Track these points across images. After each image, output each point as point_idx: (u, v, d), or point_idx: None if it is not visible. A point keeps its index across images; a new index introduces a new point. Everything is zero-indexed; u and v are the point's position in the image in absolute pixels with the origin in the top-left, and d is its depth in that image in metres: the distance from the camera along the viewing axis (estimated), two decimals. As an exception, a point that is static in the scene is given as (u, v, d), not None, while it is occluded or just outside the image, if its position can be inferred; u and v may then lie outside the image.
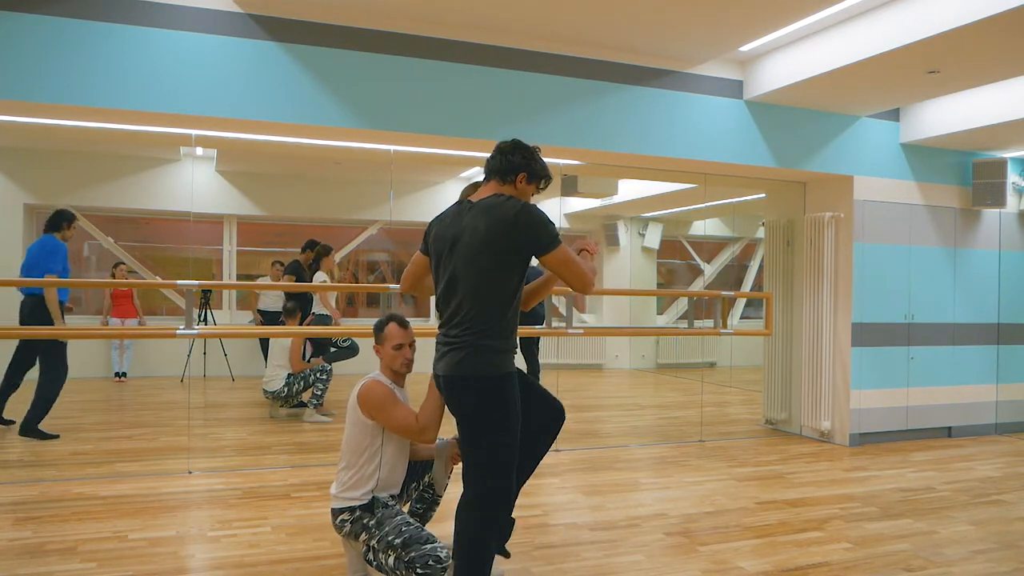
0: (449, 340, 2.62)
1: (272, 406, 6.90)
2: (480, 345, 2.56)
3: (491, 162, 2.70)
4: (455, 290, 2.60)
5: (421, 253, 2.81)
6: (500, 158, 2.68)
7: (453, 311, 2.62)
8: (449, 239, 2.62)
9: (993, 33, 4.27)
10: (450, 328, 2.63)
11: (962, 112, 6.00)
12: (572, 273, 2.58)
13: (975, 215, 6.87)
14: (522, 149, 2.71)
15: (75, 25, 4.22)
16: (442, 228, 2.68)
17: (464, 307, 2.58)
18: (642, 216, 11.22)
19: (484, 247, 2.52)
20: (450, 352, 2.60)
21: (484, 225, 2.53)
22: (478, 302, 2.56)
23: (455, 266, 2.59)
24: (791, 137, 6.01)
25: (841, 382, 6.34)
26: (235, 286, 10.22)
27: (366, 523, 2.99)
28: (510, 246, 2.54)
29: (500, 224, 2.52)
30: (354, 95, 4.77)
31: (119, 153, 8.85)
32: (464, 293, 2.57)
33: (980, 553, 3.74)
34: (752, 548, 3.73)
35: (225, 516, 4.03)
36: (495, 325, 2.57)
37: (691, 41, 5.13)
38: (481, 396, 2.57)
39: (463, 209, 2.66)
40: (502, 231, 2.52)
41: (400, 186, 9.67)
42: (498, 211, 2.54)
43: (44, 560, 3.32)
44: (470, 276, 2.56)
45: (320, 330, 6.74)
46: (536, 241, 2.54)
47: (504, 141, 2.75)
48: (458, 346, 2.58)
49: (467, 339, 2.57)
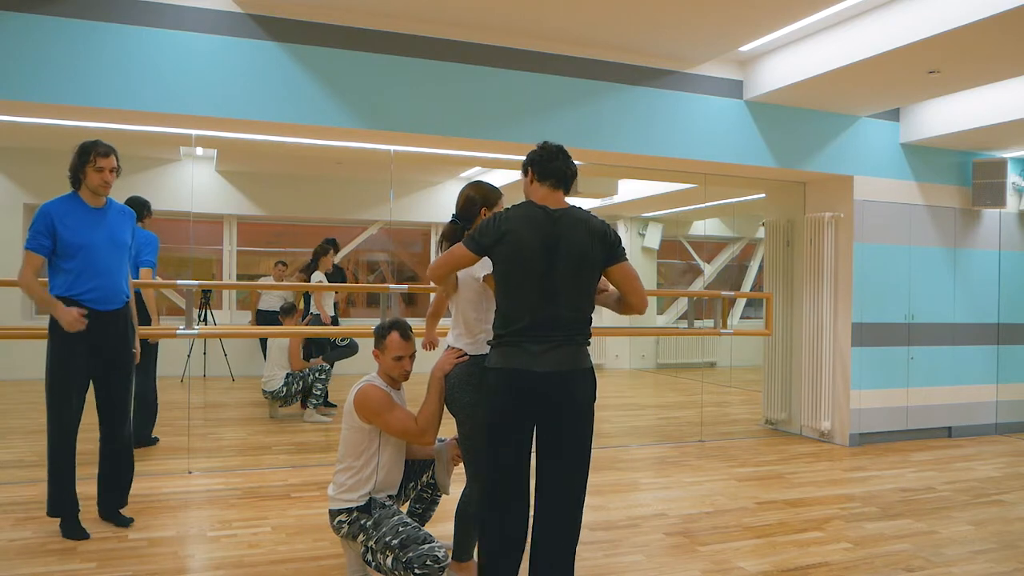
0: (549, 338, 2.62)
1: (272, 406, 6.90)
2: (582, 343, 2.69)
3: (559, 169, 2.70)
4: (552, 296, 2.62)
5: (470, 251, 2.71)
6: (566, 168, 2.73)
7: (548, 315, 2.62)
8: (539, 246, 2.61)
9: (993, 33, 4.27)
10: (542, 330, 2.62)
11: (962, 112, 6.00)
12: (635, 288, 2.75)
13: (975, 215, 6.87)
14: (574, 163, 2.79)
15: (75, 25, 4.22)
16: (525, 233, 2.62)
17: (564, 311, 2.63)
18: (642, 216, 11.22)
19: (585, 259, 2.64)
20: (556, 349, 2.62)
21: (583, 237, 2.63)
22: (581, 307, 2.67)
23: (556, 274, 2.61)
24: (791, 137, 6.01)
25: (841, 382, 6.34)
26: (235, 286, 10.22)
27: (363, 524, 2.99)
28: (601, 258, 2.68)
29: (597, 237, 2.65)
30: (354, 95, 4.77)
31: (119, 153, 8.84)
32: (566, 299, 2.63)
33: (980, 553, 3.74)
34: (752, 548, 3.73)
35: (225, 516, 4.03)
36: (588, 327, 2.72)
37: (691, 41, 5.13)
38: (592, 387, 2.70)
39: (547, 216, 2.64)
40: (599, 244, 2.65)
41: (400, 186, 9.66)
42: (592, 224, 2.67)
43: (44, 560, 3.32)
44: (575, 283, 2.64)
45: (319, 330, 6.74)
46: (616, 253, 2.71)
47: (558, 147, 2.76)
48: (564, 343, 2.63)
49: (573, 338, 2.65)
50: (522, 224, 2.62)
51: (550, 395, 2.60)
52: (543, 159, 2.71)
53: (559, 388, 2.61)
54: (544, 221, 2.63)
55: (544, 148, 2.75)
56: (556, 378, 2.60)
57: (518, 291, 2.63)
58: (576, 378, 2.63)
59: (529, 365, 2.59)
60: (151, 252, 5.22)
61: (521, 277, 2.62)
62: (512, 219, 2.65)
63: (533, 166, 2.72)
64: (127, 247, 3.82)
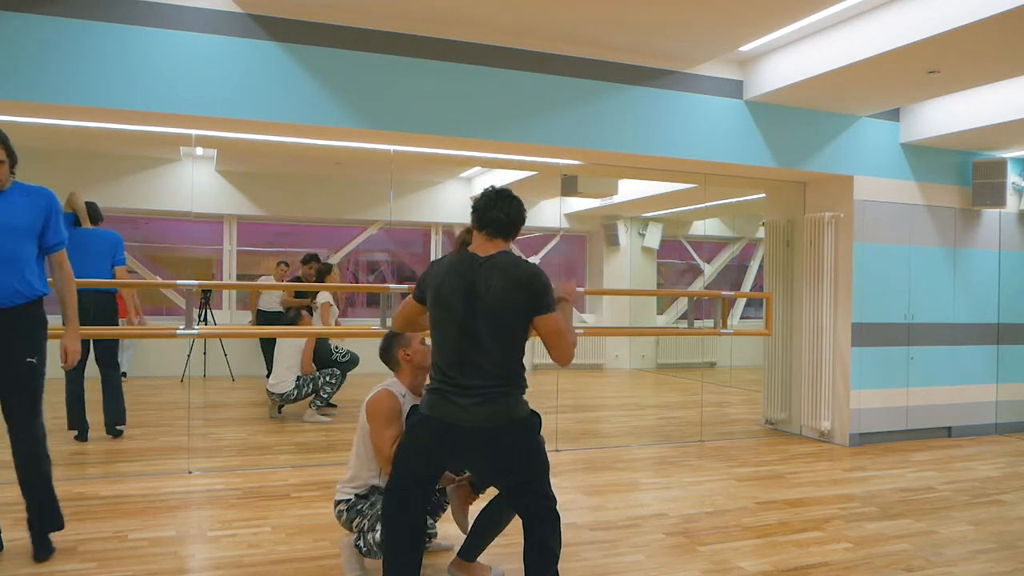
0: (475, 390, 2.59)
1: (272, 407, 6.90)
2: (513, 393, 2.63)
3: (495, 219, 2.65)
4: (475, 345, 2.59)
5: (415, 300, 2.76)
6: (503, 216, 2.66)
7: (472, 365, 2.59)
8: (460, 294, 2.59)
9: (993, 33, 4.27)
10: (467, 380, 2.60)
11: (962, 112, 6.00)
12: (555, 344, 2.63)
13: (975, 215, 6.87)
14: (519, 205, 2.72)
15: (75, 25, 4.22)
16: (448, 280, 2.63)
17: (487, 362, 2.59)
18: (642, 216, 11.22)
19: (504, 307, 2.57)
20: (484, 404, 2.58)
21: (503, 285, 2.57)
22: (505, 357, 2.61)
23: (475, 320, 2.58)
24: (791, 137, 6.01)
25: (841, 382, 6.34)
26: (235, 286, 10.22)
27: (360, 508, 3.06)
28: (524, 307, 2.59)
29: (520, 287, 2.57)
30: (354, 95, 4.77)
31: (119, 153, 8.85)
32: (489, 348, 2.59)
33: (980, 553, 3.75)
34: (752, 548, 3.73)
35: (225, 516, 4.03)
36: (517, 376, 2.66)
37: (691, 41, 5.13)
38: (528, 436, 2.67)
39: (472, 264, 2.63)
40: (521, 294, 2.57)
41: (400, 186, 9.66)
42: (518, 272, 2.59)
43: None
44: (496, 332, 2.58)
45: (319, 330, 6.74)
46: (541, 305, 2.60)
47: (498, 192, 2.70)
48: (493, 396, 2.59)
49: (502, 388, 2.60)
50: (447, 272, 2.65)
51: (477, 448, 2.63)
52: (482, 208, 2.68)
53: (486, 441, 2.61)
54: (467, 269, 2.62)
55: (484, 195, 2.71)
56: (481, 432, 2.59)
57: (444, 340, 2.64)
58: (504, 431, 2.60)
59: (457, 419, 2.59)
60: (121, 251, 5.64)
61: (445, 326, 2.63)
62: (440, 266, 2.69)
63: (473, 214, 2.71)
64: (24, 233, 3.25)
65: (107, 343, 5.79)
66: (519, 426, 2.64)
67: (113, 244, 5.66)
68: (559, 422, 6.47)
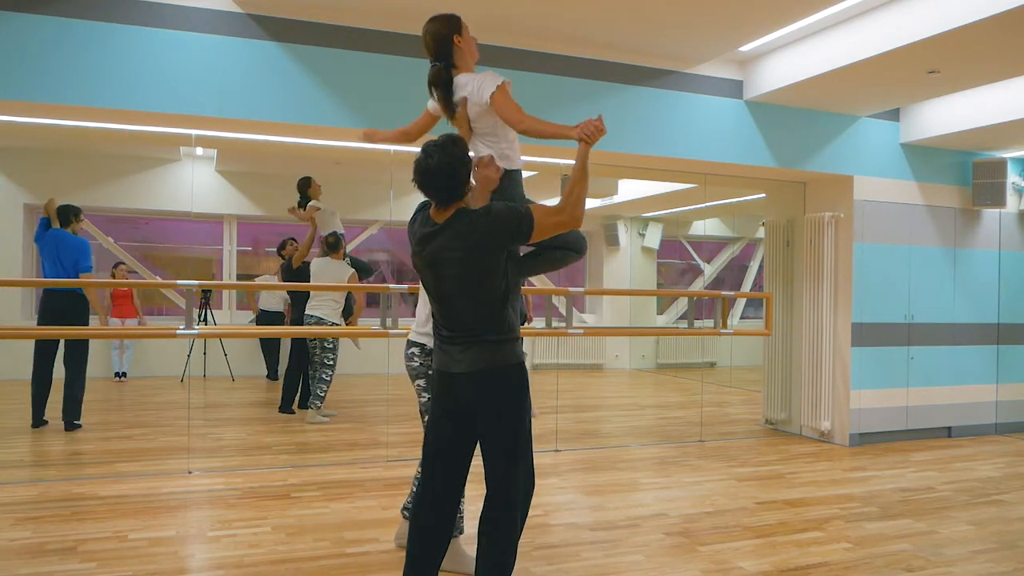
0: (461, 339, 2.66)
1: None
2: (497, 341, 2.65)
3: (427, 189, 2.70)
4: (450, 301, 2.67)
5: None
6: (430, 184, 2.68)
7: (453, 319, 2.68)
8: (426, 260, 2.67)
9: (993, 33, 4.27)
10: (454, 331, 2.68)
11: (962, 112, 6.00)
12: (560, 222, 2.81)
13: (975, 215, 6.87)
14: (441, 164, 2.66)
15: (75, 25, 4.22)
16: (417, 247, 2.75)
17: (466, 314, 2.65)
18: (642, 216, 11.22)
19: (467, 277, 2.61)
20: (468, 349, 2.64)
21: (459, 256, 2.60)
22: (482, 308, 2.65)
23: (445, 284, 2.66)
24: (791, 137, 6.01)
25: (841, 382, 6.34)
26: (235, 286, 10.20)
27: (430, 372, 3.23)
28: (495, 261, 2.62)
29: (474, 249, 2.59)
30: (354, 95, 4.77)
31: (119, 153, 8.84)
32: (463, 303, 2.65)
33: (980, 553, 3.75)
34: (752, 548, 3.73)
35: (225, 516, 4.03)
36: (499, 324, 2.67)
37: (691, 41, 5.13)
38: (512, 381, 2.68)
39: (427, 233, 2.67)
40: (479, 254, 2.60)
41: (400, 186, 9.62)
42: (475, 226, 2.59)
43: (44, 560, 3.32)
44: (462, 291, 2.64)
45: (319, 330, 6.74)
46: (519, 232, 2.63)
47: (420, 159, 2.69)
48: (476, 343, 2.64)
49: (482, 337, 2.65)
50: (413, 234, 2.80)
51: (465, 394, 2.68)
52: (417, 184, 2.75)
53: (471, 388, 2.66)
54: (423, 237, 2.70)
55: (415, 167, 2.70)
56: (467, 378, 2.66)
57: (430, 298, 2.78)
58: (488, 376, 2.65)
59: (448, 366, 2.70)
60: (86, 257, 5.97)
61: (426, 286, 2.77)
62: (410, 227, 2.83)
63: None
64: None
65: (76, 343, 6.01)
66: (503, 374, 2.66)
67: (77, 251, 6.00)
68: (559, 422, 6.47)
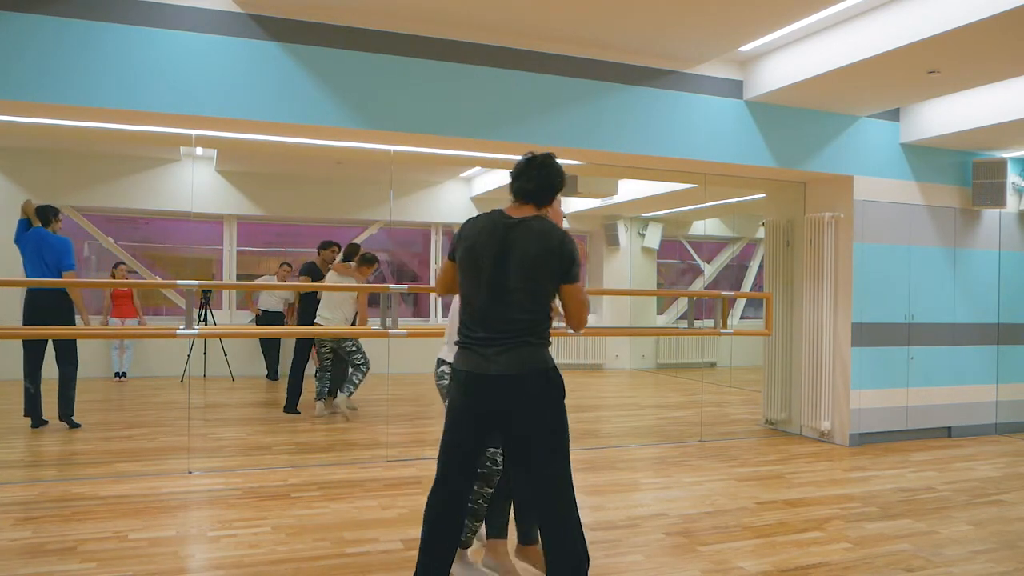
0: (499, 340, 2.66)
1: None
2: (537, 344, 2.69)
3: (521, 188, 2.74)
4: (501, 298, 2.66)
5: (450, 260, 2.84)
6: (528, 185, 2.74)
7: (498, 318, 2.66)
8: (490, 252, 2.67)
9: (993, 33, 4.27)
10: (493, 333, 2.66)
11: (962, 112, 6.00)
12: (575, 311, 2.76)
13: (975, 215, 6.87)
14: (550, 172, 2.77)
15: (75, 25, 4.22)
16: (479, 239, 2.71)
17: (515, 314, 2.66)
18: (642, 216, 11.23)
19: (534, 267, 2.65)
20: (507, 352, 2.64)
21: (535, 248, 2.65)
22: (532, 310, 2.67)
23: (503, 277, 2.65)
24: (791, 137, 6.01)
25: (841, 382, 6.34)
26: (235, 286, 10.22)
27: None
28: (556, 271, 2.68)
29: (551, 252, 2.66)
30: (354, 95, 4.77)
31: (119, 153, 8.86)
32: (516, 301, 2.65)
33: (980, 553, 3.75)
34: (752, 548, 3.73)
35: (225, 516, 4.03)
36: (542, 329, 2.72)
37: (691, 41, 5.13)
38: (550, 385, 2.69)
39: (503, 223, 2.70)
40: (553, 258, 2.66)
41: (400, 186, 9.67)
42: (550, 238, 2.67)
43: (44, 560, 3.32)
44: (525, 287, 2.65)
45: (318, 330, 6.74)
46: (570, 274, 2.71)
47: (528, 161, 2.77)
48: (516, 345, 2.65)
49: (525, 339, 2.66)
50: (478, 231, 2.73)
51: (502, 396, 2.65)
52: (514, 176, 2.78)
53: (511, 389, 2.64)
54: (497, 228, 2.69)
55: (516, 166, 2.79)
56: (507, 380, 2.64)
57: (472, 295, 2.71)
58: (528, 378, 2.65)
59: (482, 368, 2.66)
60: (69, 256, 6.03)
61: (473, 281, 2.70)
62: (471, 226, 2.77)
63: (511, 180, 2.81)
64: None
65: (65, 342, 6.09)
66: (544, 375, 2.68)
67: (60, 250, 6.03)
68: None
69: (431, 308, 10.30)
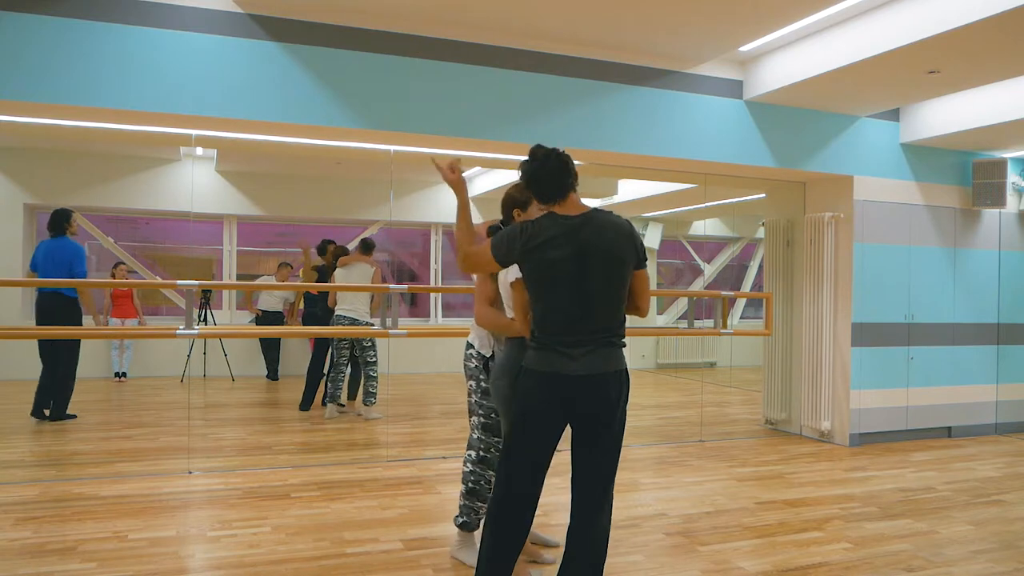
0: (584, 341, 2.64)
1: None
2: (617, 345, 2.72)
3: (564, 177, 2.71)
4: (586, 300, 2.64)
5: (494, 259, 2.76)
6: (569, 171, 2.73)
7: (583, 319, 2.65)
8: (570, 253, 2.63)
9: (993, 33, 4.27)
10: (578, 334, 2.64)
11: (962, 112, 6.00)
12: (645, 296, 2.80)
13: (975, 215, 6.87)
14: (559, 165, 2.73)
15: (75, 25, 4.22)
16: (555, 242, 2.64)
17: (599, 315, 2.66)
18: (642, 216, 11.22)
19: (616, 261, 2.67)
20: (592, 353, 2.64)
21: (613, 240, 2.66)
22: (615, 309, 2.70)
23: (590, 278, 2.63)
24: (791, 137, 6.01)
25: (841, 382, 6.34)
26: (235, 286, 10.22)
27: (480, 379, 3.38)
28: (632, 259, 2.72)
29: (626, 239, 2.70)
30: (354, 95, 4.77)
31: (119, 153, 8.86)
32: (600, 302, 2.65)
33: (980, 553, 3.75)
34: (752, 548, 3.73)
35: (225, 516, 4.03)
36: (622, 329, 2.75)
37: (691, 41, 5.13)
38: (626, 387, 2.74)
39: (572, 223, 2.66)
40: (629, 245, 2.70)
41: (400, 186, 9.67)
42: (621, 227, 2.71)
43: (44, 560, 3.32)
44: (607, 286, 2.66)
45: (319, 330, 6.74)
46: (641, 258, 2.76)
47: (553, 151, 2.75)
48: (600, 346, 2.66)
49: (609, 340, 2.68)
50: (551, 233, 2.65)
51: (586, 398, 2.65)
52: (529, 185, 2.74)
53: (595, 391, 2.65)
54: (570, 229, 2.65)
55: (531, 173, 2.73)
56: (592, 381, 2.64)
57: (552, 297, 2.67)
58: (611, 380, 2.66)
59: (566, 369, 2.63)
60: (81, 263, 6.16)
61: (554, 284, 2.66)
62: (540, 229, 2.68)
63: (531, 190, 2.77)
64: None
65: (68, 343, 6.21)
66: (625, 376, 2.72)
67: (71, 255, 6.14)
68: (559, 422, 6.46)
69: (431, 308, 10.31)
